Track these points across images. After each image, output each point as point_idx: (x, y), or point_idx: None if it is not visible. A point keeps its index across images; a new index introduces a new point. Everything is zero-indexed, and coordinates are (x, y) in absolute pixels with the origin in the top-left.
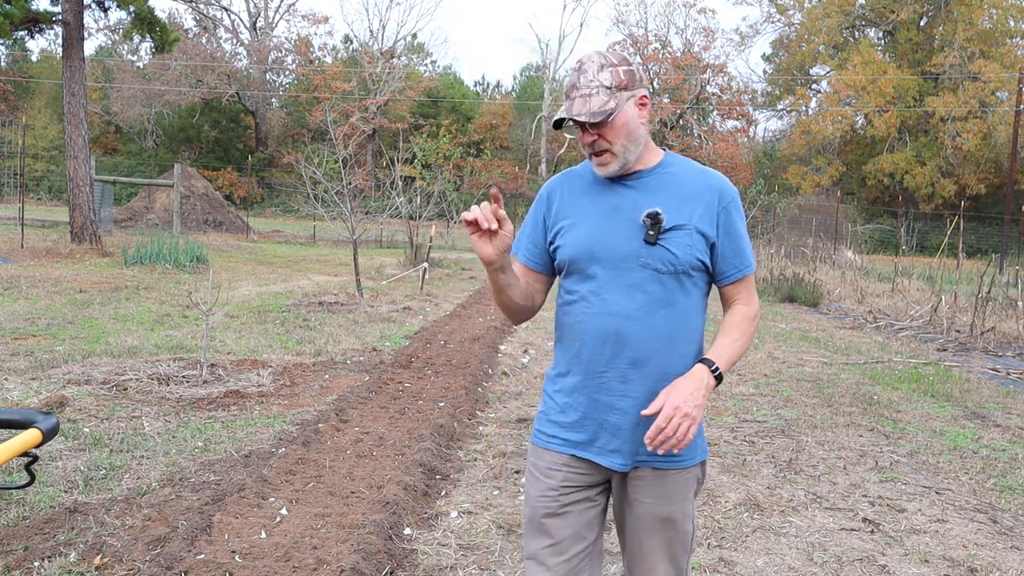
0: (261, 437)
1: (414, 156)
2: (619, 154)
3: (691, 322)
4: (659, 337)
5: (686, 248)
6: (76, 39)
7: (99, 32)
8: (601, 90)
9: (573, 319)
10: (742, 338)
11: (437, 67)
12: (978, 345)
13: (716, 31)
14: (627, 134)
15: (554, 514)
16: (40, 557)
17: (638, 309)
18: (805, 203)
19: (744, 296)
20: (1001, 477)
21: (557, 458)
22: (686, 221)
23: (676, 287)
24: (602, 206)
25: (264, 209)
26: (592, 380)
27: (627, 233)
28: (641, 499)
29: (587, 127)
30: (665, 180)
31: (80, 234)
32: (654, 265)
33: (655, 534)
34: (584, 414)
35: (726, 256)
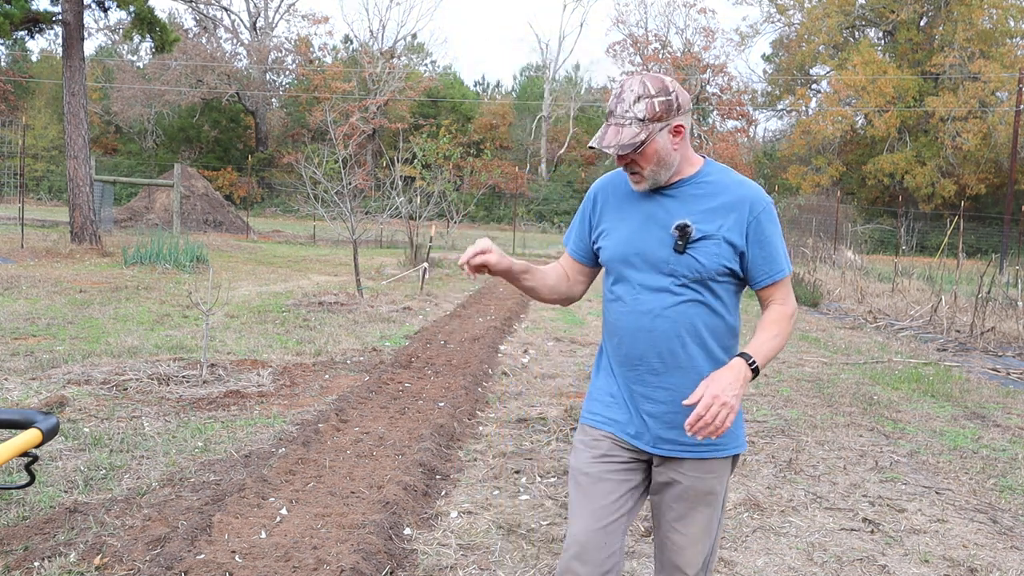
0: (261, 437)
1: (414, 156)
2: (648, 177)
3: (720, 321)
4: (687, 334)
5: (713, 257)
6: (76, 39)
7: (99, 32)
8: (635, 122)
9: (613, 316)
10: (780, 335)
11: (437, 67)
12: (978, 345)
13: (716, 31)
14: (658, 161)
15: (594, 481)
16: (40, 557)
17: (667, 308)
18: (805, 203)
19: (779, 297)
20: (1001, 477)
21: (600, 433)
22: (715, 231)
23: (704, 290)
24: (639, 213)
25: (264, 209)
26: (629, 372)
27: (659, 241)
28: (681, 478)
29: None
30: (700, 190)
31: (80, 234)
32: (682, 271)
33: (694, 507)
34: (623, 401)
35: (757, 263)
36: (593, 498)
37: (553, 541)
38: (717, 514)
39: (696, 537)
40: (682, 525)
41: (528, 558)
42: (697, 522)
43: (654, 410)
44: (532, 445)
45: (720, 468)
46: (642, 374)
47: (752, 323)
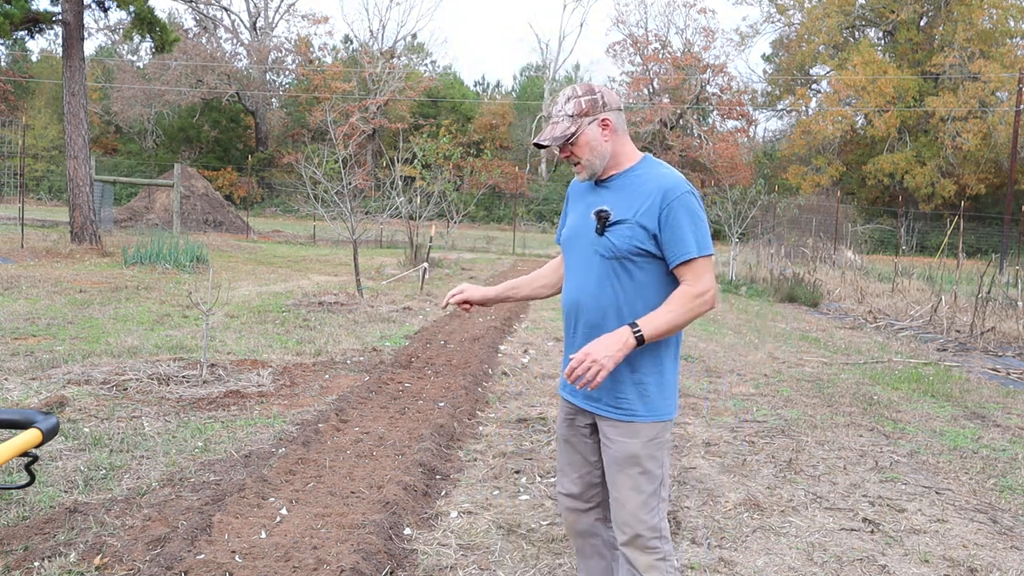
0: (261, 437)
1: (414, 156)
2: (586, 165)
3: (638, 297)
4: (606, 307)
5: (626, 239)
6: (76, 39)
7: (99, 32)
8: (565, 118)
9: (563, 290)
10: (676, 310)
11: (437, 67)
12: (978, 345)
13: (716, 31)
14: (591, 150)
15: (563, 441)
16: (40, 557)
17: (592, 285)
18: (805, 203)
19: (689, 278)
20: (1001, 477)
21: (562, 401)
22: (631, 217)
23: (620, 269)
24: (584, 204)
25: (264, 209)
26: (569, 338)
27: (588, 226)
28: (608, 442)
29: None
30: (627, 183)
31: (80, 234)
32: (600, 251)
33: (621, 469)
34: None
35: (667, 245)
36: (565, 455)
37: (553, 541)
38: (648, 482)
39: (625, 499)
40: (613, 488)
41: (528, 558)
42: (624, 484)
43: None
44: (532, 445)
45: (640, 433)
46: (574, 339)
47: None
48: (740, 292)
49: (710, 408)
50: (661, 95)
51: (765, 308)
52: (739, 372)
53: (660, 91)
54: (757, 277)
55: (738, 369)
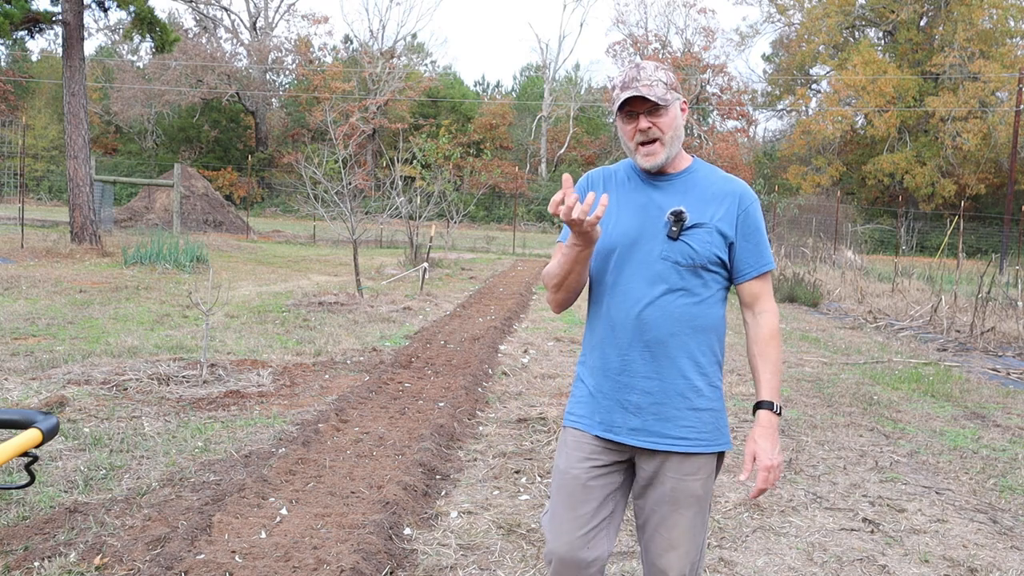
0: (261, 437)
1: (414, 156)
2: (667, 144)
3: (709, 310)
4: (677, 321)
5: (705, 244)
6: (76, 39)
7: (99, 32)
8: (660, 84)
9: (602, 307)
10: (779, 359)
11: (437, 67)
12: (978, 345)
13: (716, 31)
14: (675, 128)
15: (579, 484)
16: (40, 557)
17: (659, 297)
18: (805, 203)
19: (765, 297)
20: (1001, 477)
21: (582, 436)
22: (707, 220)
23: (694, 279)
24: (633, 203)
25: (264, 209)
26: (617, 362)
27: (653, 229)
28: (664, 479)
29: (644, 115)
30: (691, 183)
31: (80, 234)
32: (675, 258)
33: (677, 510)
34: (607, 395)
35: (744, 254)
36: (576, 503)
37: None
38: (703, 518)
39: (679, 541)
40: (666, 529)
41: (528, 558)
42: (680, 526)
43: (641, 401)
44: (532, 445)
45: (704, 467)
46: (630, 363)
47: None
48: None
49: None
50: None
51: None
52: (739, 372)
53: None
54: None
55: (738, 369)
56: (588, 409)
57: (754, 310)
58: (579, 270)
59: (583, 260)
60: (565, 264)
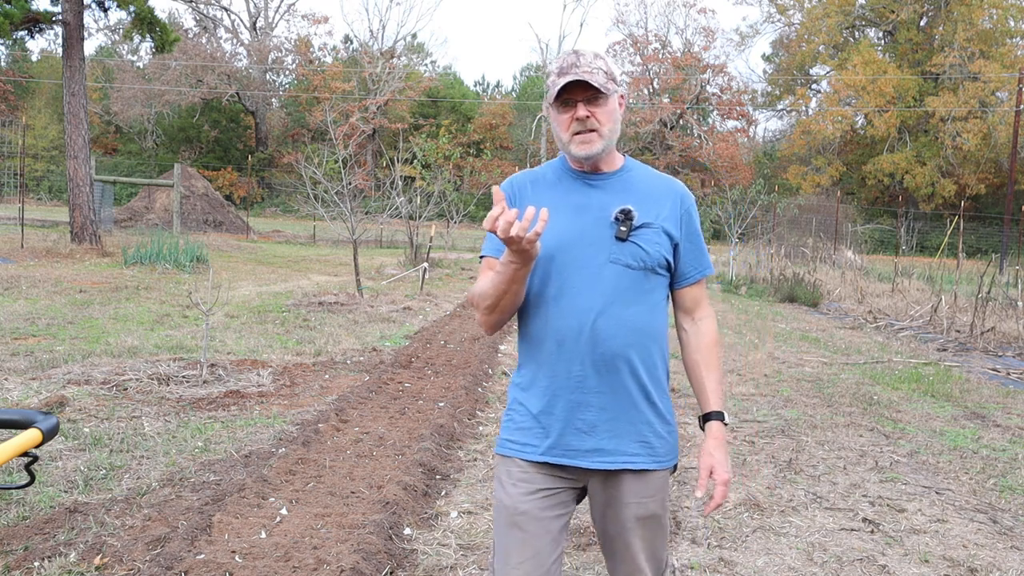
0: (261, 437)
1: (414, 156)
2: (605, 136)
3: (659, 317)
4: (631, 331)
5: (655, 245)
6: (76, 39)
7: (99, 32)
8: (600, 72)
9: (542, 319)
10: (721, 366)
11: (437, 67)
12: (978, 345)
13: (716, 31)
14: (614, 121)
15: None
16: (40, 557)
17: (615, 304)
18: (805, 203)
19: (705, 303)
20: (1001, 477)
21: (528, 465)
22: (653, 220)
23: (645, 283)
24: (567, 205)
25: (264, 209)
26: (565, 380)
27: (596, 230)
28: (619, 503)
29: (583, 103)
30: (629, 182)
31: (80, 234)
32: (625, 261)
33: (640, 532)
34: (558, 416)
35: (687, 257)
36: (532, 540)
37: None
38: (664, 531)
39: (646, 563)
40: (631, 555)
41: None
42: (645, 550)
43: (596, 419)
44: None
45: (662, 485)
46: (583, 380)
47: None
48: (740, 292)
49: None
50: (661, 95)
51: (765, 308)
52: (739, 372)
53: (660, 91)
54: (757, 277)
55: (738, 369)
56: (533, 435)
57: (694, 316)
58: (516, 289)
59: (520, 279)
60: (500, 283)
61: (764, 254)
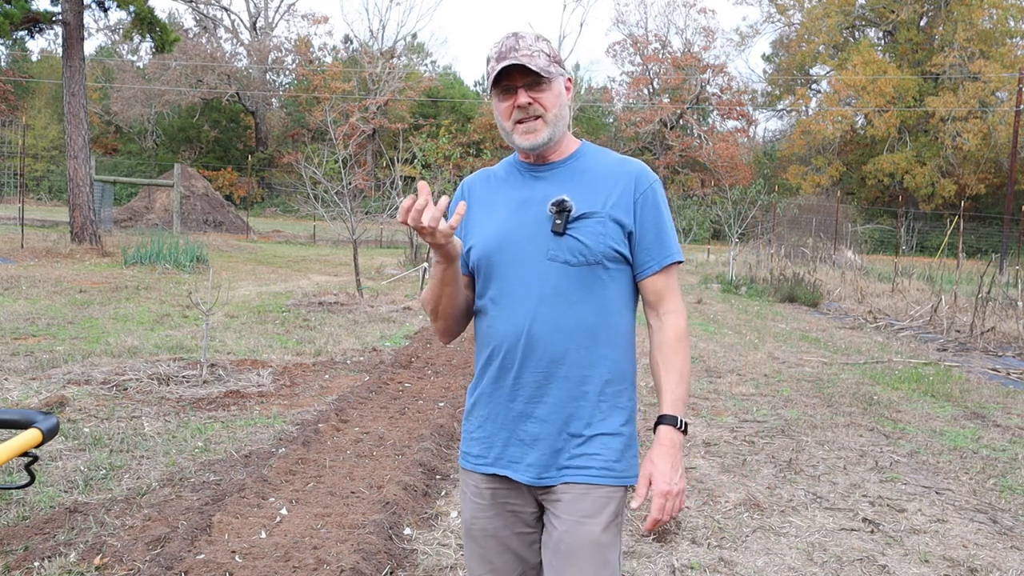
0: (261, 437)
1: (414, 156)
2: (550, 123)
3: (612, 318)
4: (575, 336)
5: (598, 237)
6: (76, 39)
7: (99, 32)
8: (542, 55)
9: (484, 324)
10: (685, 367)
11: (437, 67)
12: (978, 345)
13: (716, 31)
14: (559, 106)
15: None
16: (40, 557)
17: (550, 306)
18: (805, 203)
19: (670, 296)
20: (1001, 477)
21: (481, 478)
22: (598, 208)
23: (592, 280)
24: (511, 201)
25: (264, 209)
26: (506, 388)
27: (535, 226)
28: (556, 521)
29: (524, 89)
30: (578, 169)
31: (80, 234)
32: (563, 257)
33: (576, 561)
34: (501, 425)
35: (646, 245)
36: (497, 561)
37: None
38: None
39: None
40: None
41: None
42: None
43: (538, 431)
44: None
45: (607, 505)
46: (521, 388)
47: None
48: (740, 292)
49: (710, 408)
50: (661, 95)
51: (765, 308)
52: (739, 372)
53: (660, 91)
54: (757, 277)
55: (738, 369)
56: (483, 446)
57: (658, 311)
58: (449, 292)
59: (449, 280)
60: (434, 286)
61: (764, 254)
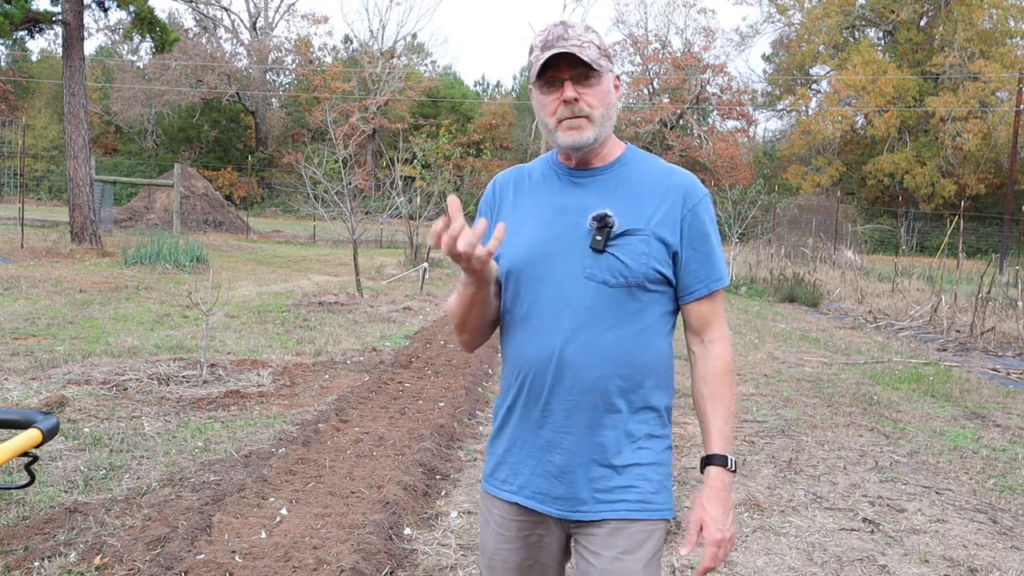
0: (261, 437)
1: (414, 156)
2: (596, 122)
3: (650, 343)
4: (607, 360)
5: (640, 257)
6: (76, 39)
7: (99, 32)
8: (592, 47)
9: (512, 343)
10: (732, 400)
11: (437, 67)
12: (978, 345)
13: (716, 31)
14: (607, 105)
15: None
16: (40, 557)
17: (587, 329)
18: (805, 203)
19: (717, 323)
20: (1001, 477)
21: (506, 507)
22: (643, 225)
23: (629, 303)
24: (547, 208)
25: (264, 209)
26: (534, 414)
27: (572, 239)
28: (598, 552)
29: (571, 82)
30: (621, 178)
31: (80, 234)
32: (601, 276)
33: None
34: (528, 453)
35: (691, 266)
36: None
37: None
38: None
39: None
40: None
41: None
42: None
43: (566, 462)
44: None
45: (648, 539)
46: (550, 415)
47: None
48: (740, 292)
49: None
50: (661, 95)
51: (765, 308)
52: (739, 372)
53: (660, 91)
54: (757, 277)
55: (738, 369)
56: (508, 471)
57: (703, 338)
58: (477, 313)
59: (479, 303)
60: (461, 305)
61: (764, 254)
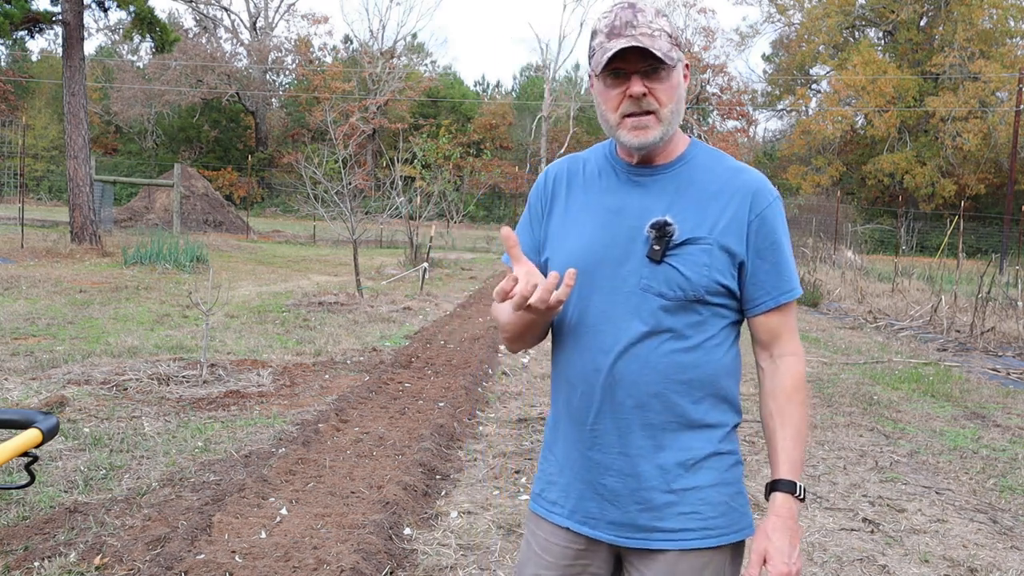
0: (261, 437)
1: (414, 156)
2: (664, 120)
3: (710, 357)
4: (663, 376)
5: (701, 269)
6: (76, 39)
7: (99, 32)
8: (664, 35)
9: (561, 355)
10: (804, 421)
11: (437, 67)
12: (978, 345)
13: (716, 31)
14: (677, 100)
15: None
16: (40, 557)
17: (636, 341)
18: (805, 203)
19: (787, 336)
20: (1001, 477)
21: (551, 527)
22: (705, 233)
23: (688, 316)
24: (601, 209)
25: (264, 209)
26: (584, 433)
27: (627, 246)
28: None
29: (638, 76)
30: (685, 178)
31: (80, 234)
32: (658, 288)
33: None
34: (577, 474)
35: (759, 277)
36: None
37: None
38: None
39: None
40: None
41: None
42: None
43: (619, 486)
44: (532, 445)
45: (712, 564)
46: (602, 434)
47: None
48: None
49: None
50: None
51: None
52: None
53: None
54: None
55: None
56: (559, 492)
57: (772, 352)
58: (536, 331)
59: (536, 328)
60: (517, 325)
61: None
